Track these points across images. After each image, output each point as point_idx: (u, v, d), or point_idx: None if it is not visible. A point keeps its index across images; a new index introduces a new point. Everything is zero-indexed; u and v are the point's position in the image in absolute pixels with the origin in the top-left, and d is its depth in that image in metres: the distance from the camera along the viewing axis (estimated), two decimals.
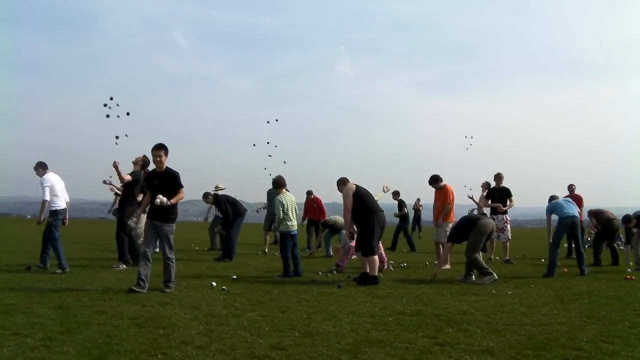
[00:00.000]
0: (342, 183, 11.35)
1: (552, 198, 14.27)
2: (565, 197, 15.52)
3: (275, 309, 7.81)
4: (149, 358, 5.21)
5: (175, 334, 6.19)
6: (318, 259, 16.31)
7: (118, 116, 16.10)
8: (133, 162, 13.16)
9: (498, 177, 16.34)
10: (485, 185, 17.63)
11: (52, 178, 12.01)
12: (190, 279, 10.94)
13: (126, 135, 16.17)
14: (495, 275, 11.20)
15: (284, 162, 21.38)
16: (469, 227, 11.56)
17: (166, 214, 9.40)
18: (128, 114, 16.51)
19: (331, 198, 18.99)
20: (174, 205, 9.45)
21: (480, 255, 11.59)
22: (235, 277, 11.14)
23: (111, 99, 16.06)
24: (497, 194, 16.24)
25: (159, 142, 9.51)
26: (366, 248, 10.78)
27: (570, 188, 18.25)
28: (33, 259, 13.35)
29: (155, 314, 7.35)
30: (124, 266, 13.00)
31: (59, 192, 12.03)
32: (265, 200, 19.10)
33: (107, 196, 16.69)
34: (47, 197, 11.76)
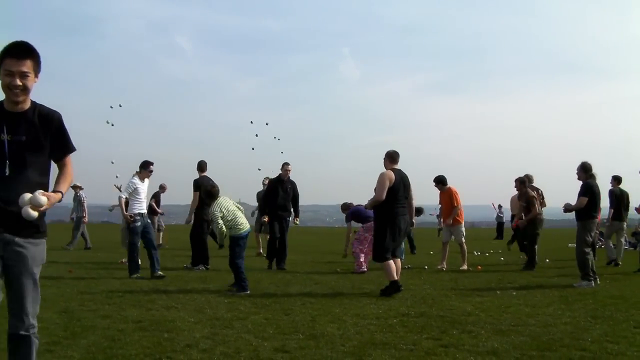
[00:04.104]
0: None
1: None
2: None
3: (280, 312, 7.81)
4: None
5: (179, 337, 6.21)
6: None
7: (120, 105, 17.43)
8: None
9: (528, 179, 15.73)
10: (519, 183, 16.35)
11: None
12: (195, 282, 10.91)
13: (120, 106, 17.57)
14: (593, 283, 10.80)
15: (277, 138, 21.34)
16: None
17: None
18: (120, 105, 17.91)
19: (337, 200, 19.02)
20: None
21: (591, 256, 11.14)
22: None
23: (120, 106, 17.01)
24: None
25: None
26: (377, 252, 9.81)
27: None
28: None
29: (160, 317, 7.35)
30: (203, 267, 13.23)
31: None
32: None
33: (110, 200, 16.77)
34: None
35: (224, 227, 9.98)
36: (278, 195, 13.94)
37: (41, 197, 3.61)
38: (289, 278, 11.80)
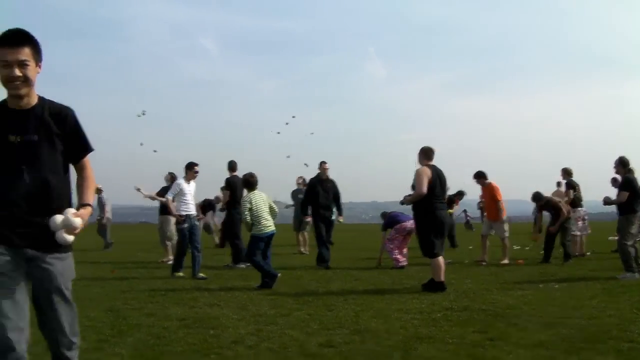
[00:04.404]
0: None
1: None
2: None
3: (322, 308, 7.83)
4: (202, 358, 5.30)
5: (225, 334, 6.26)
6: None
7: (144, 112, 17.71)
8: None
9: (567, 173, 15.59)
10: (564, 173, 16.22)
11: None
12: (236, 280, 10.98)
13: (144, 113, 17.84)
14: (636, 275, 10.67)
15: (311, 133, 21.75)
16: None
17: None
18: (144, 112, 18.20)
19: (371, 197, 18.98)
20: None
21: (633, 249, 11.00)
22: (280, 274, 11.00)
23: (144, 113, 17.39)
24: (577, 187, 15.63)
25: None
26: (425, 249, 9.59)
27: None
28: (77, 263, 13.53)
29: (204, 315, 7.43)
30: (244, 265, 13.18)
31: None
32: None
33: (147, 201, 16.99)
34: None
35: (248, 218, 10.10)
36: (319, 195, 13.84)
37: (75, 219, 3.29)
38: (329, 275, 11.83)
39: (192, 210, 12.07)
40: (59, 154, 3.50)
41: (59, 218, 3.27)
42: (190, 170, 12.20)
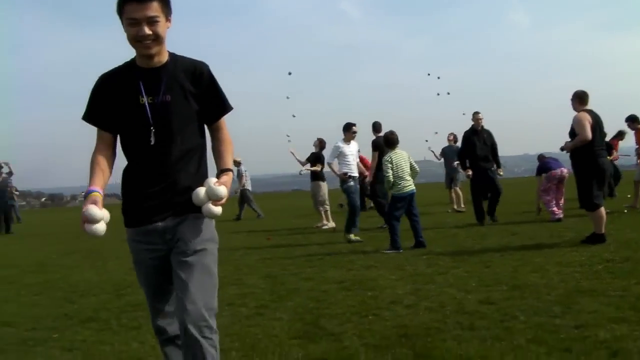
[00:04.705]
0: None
1: None
2: None
3: (480, 264, 7.81)
4: (360, 319, 5.42)
5: (383, 294, 6.39)
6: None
7: (290, 73, 18.66)
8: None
9: None
10: None
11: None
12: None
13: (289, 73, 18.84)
14: None
15: (448, 94, 21.13)
16: None
17: None
18: (290, 73, 18.95)
19: (522, 150, 18.38)
20: None
21: None
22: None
23: (289, 73, 18.14)
24: None
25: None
26: (585, 200, 9.20)
27: None
28: (235, 233, 14.10)
29: (361, 276, 7.60)
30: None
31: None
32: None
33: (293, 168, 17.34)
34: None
35: (391, 177, 9.99)
36: (475, 146, 13.36)
37: (218, 188, 2.93)
38: (484, 231, 11.73)
39: (354, 171, 12.20)
40: (194, 114, 3.17)
41: (201, 190, 2.97)
42: (348, 130, 12.28)
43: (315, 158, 15.50)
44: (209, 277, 3.14)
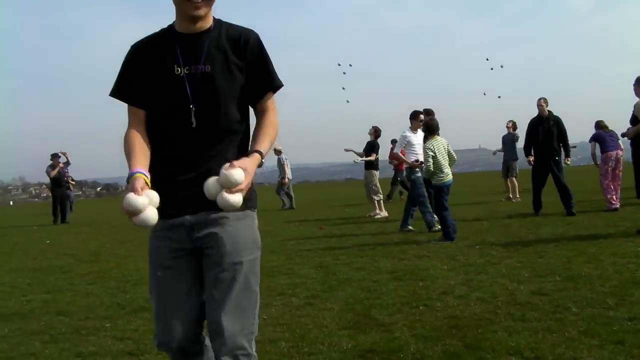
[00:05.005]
0: None
1: None
2: None
3: (533, 254, 7.74)
4: (411, 310, 5.41)
5: (434, 285, 6.37)
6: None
7: (344, 73, 18.55)
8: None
9: None
10: None
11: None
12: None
13: (350, 65, 18.86)
14: None
15: (501, 66, 20.81)
16: None
17: None
18: (350, 65, 18.92)
19: (583, 137, 17.93)
20: None
21: None
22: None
23: (350, 65, 18.24)
24: None
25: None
26: None
27: None
28: (288, 222, 14.18)
29: (413, 267, 7.59)
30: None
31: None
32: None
33: (350, 158, 17.32)
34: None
35: (432, 166, 9.77)
36: (539, 135, 12.87)
37: (232, 172, 2.35)
38: (539, 220, 11.62)
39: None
40: (239, 89, 2.66)
41: (210, 181, 2.40)
42: (415, 119, 11.91)
43: (370, 147, 15.50)
44: (249, 295, 2.62)
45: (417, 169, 11.32)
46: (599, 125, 13.53)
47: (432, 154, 9.80)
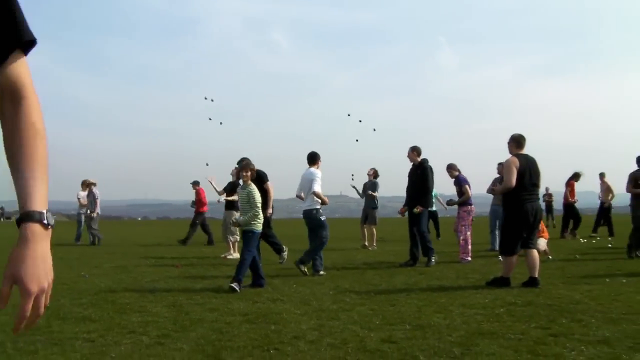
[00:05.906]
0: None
1: None
2: None
3: (385, 303, 7.85)
4: (262, 353, 5.33)
5: (286, 329, 6.32)
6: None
7: (212, 100, 18.80)
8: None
9: None
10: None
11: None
12: (299, 275, 11.05)
13: (212, 100, 19.59)
14: None
15: (374, 129, 21.35)
16: None
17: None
18: (212, 100, 19.68)
19: (440, 190, 18.55)
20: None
21: None
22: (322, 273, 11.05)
23: (207, 98, 18.76)
24: None
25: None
26: (505, 245, 9.36)
27: None
28: (144, 258, 13.85)
29: (266, 310, 7.51)
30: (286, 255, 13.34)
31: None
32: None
33: (212, 195, 17.25)
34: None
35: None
36: (409, 183, 13.13)
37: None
38: (393, 270, 11.85)
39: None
40: None
41: None
42: (319, 159, 11.94)
43: (232, 187, 15.35)
44: None
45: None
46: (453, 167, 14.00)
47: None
